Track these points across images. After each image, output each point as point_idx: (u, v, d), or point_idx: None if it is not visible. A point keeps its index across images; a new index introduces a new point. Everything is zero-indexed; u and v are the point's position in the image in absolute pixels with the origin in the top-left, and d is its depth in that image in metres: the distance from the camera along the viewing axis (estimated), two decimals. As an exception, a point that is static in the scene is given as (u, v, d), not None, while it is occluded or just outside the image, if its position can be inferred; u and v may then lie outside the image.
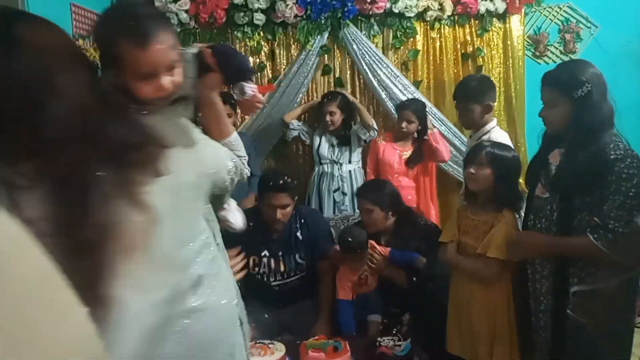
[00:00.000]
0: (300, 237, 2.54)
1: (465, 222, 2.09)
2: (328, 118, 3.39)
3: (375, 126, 3.45)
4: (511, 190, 2.04)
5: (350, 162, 3.45)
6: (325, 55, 3.69)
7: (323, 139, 3.50)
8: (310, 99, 3.76)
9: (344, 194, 3.39)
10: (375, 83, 3.65)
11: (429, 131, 3.24)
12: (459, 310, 2.08)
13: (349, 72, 3.76)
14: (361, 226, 2.59)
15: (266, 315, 2.44)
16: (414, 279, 2.37)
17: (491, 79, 3.23)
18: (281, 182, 2.43)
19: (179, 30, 3.52)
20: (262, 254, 2.50)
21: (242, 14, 3.50)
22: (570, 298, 1.70)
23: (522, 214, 2.02)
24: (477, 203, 2.09)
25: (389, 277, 2.47)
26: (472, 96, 2.54)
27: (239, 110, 3.27)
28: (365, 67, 3.64)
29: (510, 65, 3.75)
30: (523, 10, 3.72)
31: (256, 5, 3.47)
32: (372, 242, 2.47)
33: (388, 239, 2.55)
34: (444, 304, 2.16)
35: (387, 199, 2.54)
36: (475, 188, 2.05)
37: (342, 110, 3.42)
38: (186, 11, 3.45)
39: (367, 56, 3.62)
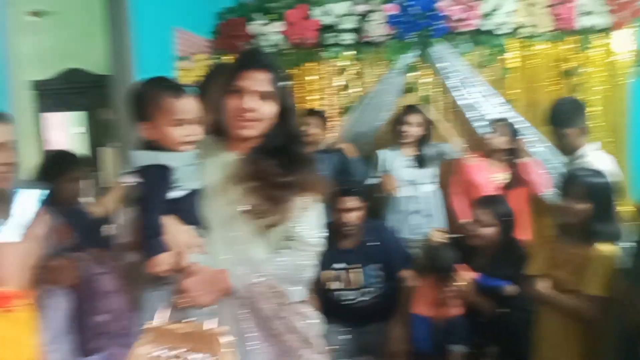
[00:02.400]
0: (375, 248, 2.52)
1: (559, 254, 1.97)
2: (407, 129, 3.27)
3: (462, 146, 3.34)
4: (609, 221, 1.90)
5: (430, 183, 3.31)
6: (413, 74, 3.66)
7: (395, 157, 3.34)
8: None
9: (426, 215, 3.25)
10: (464, 102, 3.56)
11: (522, 160, 3.09)
12: (551, 348, 1.96)
13: (436, 90, 3.71)
14: (449, 247, 2.52)
15: (344, 336, 2.44)
16: (502, 309, 2.27)
17: (580, 100, 3.01)
18: (347, 185, 2.47)
19: (271, 52, 3.66)
20: (337, 266, 2.48)
21: (331, 34, 3.57)
22: None
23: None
24: (572, 234, 1.96)
25: (474, 304, 2.38)
26: (563, 121, 2.41)
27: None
28: (454, 85, 3.56)
29: (615, 84, 3.50)
30: (629, 25, 3.46)
31: (345, 26, 3.52)
32: (461, 265, 2.40)
33: (484, 261, 2.46)
34: (532, 338, 2.04)
35: (504, 216, 2.46)
36: (570, 220, 1.93)
37: (423, 123, 3.31)
38: (278, 33, 3.58)
39: (456, 74, 3.55)
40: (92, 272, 2.28)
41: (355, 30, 3.56)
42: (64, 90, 5.05)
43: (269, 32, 3.58)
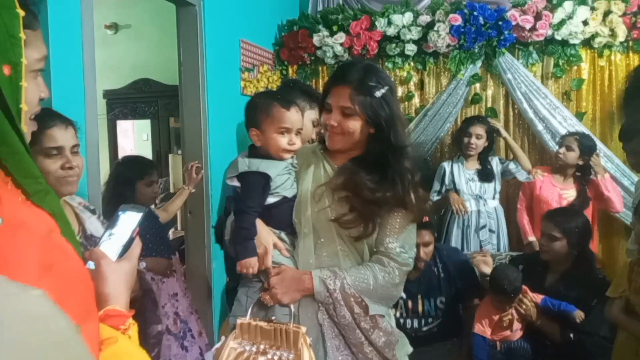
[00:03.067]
0: (442, 277, 2.42)
1: (638, 277, 1.85)
2: (473, 140, 3.17)
3: (532, 169, 3.18)
4: None
5: (494, 198, 3.22)
6: (477, 85, 3.58)
7: (459, 170, 3.25)
8: (456, 127, 3.65)
9: (491, 231, 3.17)
10: (531, 114, 3.43)
11: (599, 176, 2.94)
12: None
13: (502, 101, 3.60)
14: (515, 266, 2.42)
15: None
16: (571, 335, 2.15)
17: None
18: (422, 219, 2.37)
19: (333, 62, 3.69)
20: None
21: (394, 45, 3.56)
22: None
23: None
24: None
25: (539, 328, 2.27)
26: (636, 135, 2.24)
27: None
28: (520, 96, 3.44)
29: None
30: None
31: (408, 37, 3.50)
32: (526, 287, 2.29)
33: (554, 281, 2.35)
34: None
35: (578, 232, 2.33)
36: None
37: (488, 135, 3.20)
38: (341, 44, 3.60)
39: (523, 85, 3.43)
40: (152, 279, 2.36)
41: (419, 41, 3.53)
42: (134, 99, 5.30)
43: (332, 44, 3.61)
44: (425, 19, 3.47)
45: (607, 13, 3.25)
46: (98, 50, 2.05)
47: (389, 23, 3.52)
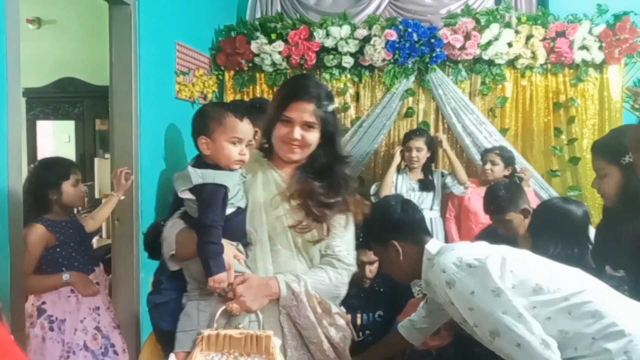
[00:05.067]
0: (381, 293, 2.41)
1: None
2: (414, 154, 3.31)
3: (468, 182, 3.32)
4: None
5: (431, 209, 3.32)
6: (410, 99, 3.70)
7: (403, 180, 3.39)
8: (390, 140, 3.77)
9: None
10: (459, 128, 3.60)
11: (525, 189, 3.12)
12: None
13: (432, 116, 3.75)
14: None
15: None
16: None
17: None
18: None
19: (271, 70, 3.68)
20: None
21: (331, 56, 3.60)
22: None
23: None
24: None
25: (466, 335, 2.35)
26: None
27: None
28: (450, 111, 3.60)
29: (607, 117, 3.57)
30: (622, 61, 3.55)
31: (346, 49, 3.56)
32: None
33: None
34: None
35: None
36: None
37: (428, 147, 3.33)
38: (279, 52, 3.60)
39: (452, 101, 3.59)
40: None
41: (356, 54, 3.60)
42: (57, 99, 5.00)
43: (271, 51, 3.60)
44: (362, 32, 3.55)
45: (529, 37, 3.49)
46: (20, 46, 1.91)
47: (327, 34, 3.57)
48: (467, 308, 1.37)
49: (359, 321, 2.42)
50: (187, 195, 1.37)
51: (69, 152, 5.04)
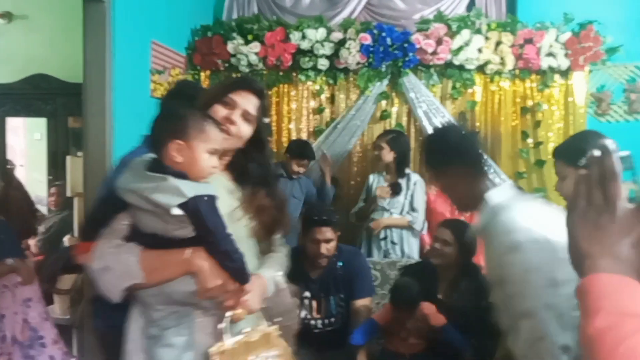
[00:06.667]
0: (341, 277, 2.48)
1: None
2: (376, 152, 3.35)
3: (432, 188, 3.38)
4: None
5: (401, 212, 3.30)
6: (384, 102, 3.78)
7: (378, 182, 3.41)
8: (364, 142, 3.85)
9: (393, 243, 3.30)
10: (430, 131, 3.68)
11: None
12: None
13: (405, 118, 3.83)
14: (414, 281, 2.51)
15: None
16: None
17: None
18: (324, 216, 2.45)
19: (247, 71, 3.71)
20: (304, 294, 2.46)
21: (307, 58, 3.65)
22: None
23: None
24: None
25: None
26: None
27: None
28: (421, 114, 3.69)
29: (572, 122, 3.71)
30: (587, 68, 3.70)
31: (321, 52, 3.62)
32: (429, 304, 2.34)
33: (448, 288, 2.49)
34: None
35: (469, 242, 2.43)
36: None
37: (392, 148, 3.29)
38: (256, 53, 3.64)
39: (424, 104, 3.68)
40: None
41: (331, 56, 3.65)
42: (28, 95, 4.91)
43: (247, 52, 3.63)
44: (337, 35, 3.61)
45: (498, 43, 3.60)
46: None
47: (303, 37, 3.62)
48: (515, 278, 1.31)
49: (323, 306, 2.47)
50: (177, 211, 1.19)
51: (41, 149, 4.96)
